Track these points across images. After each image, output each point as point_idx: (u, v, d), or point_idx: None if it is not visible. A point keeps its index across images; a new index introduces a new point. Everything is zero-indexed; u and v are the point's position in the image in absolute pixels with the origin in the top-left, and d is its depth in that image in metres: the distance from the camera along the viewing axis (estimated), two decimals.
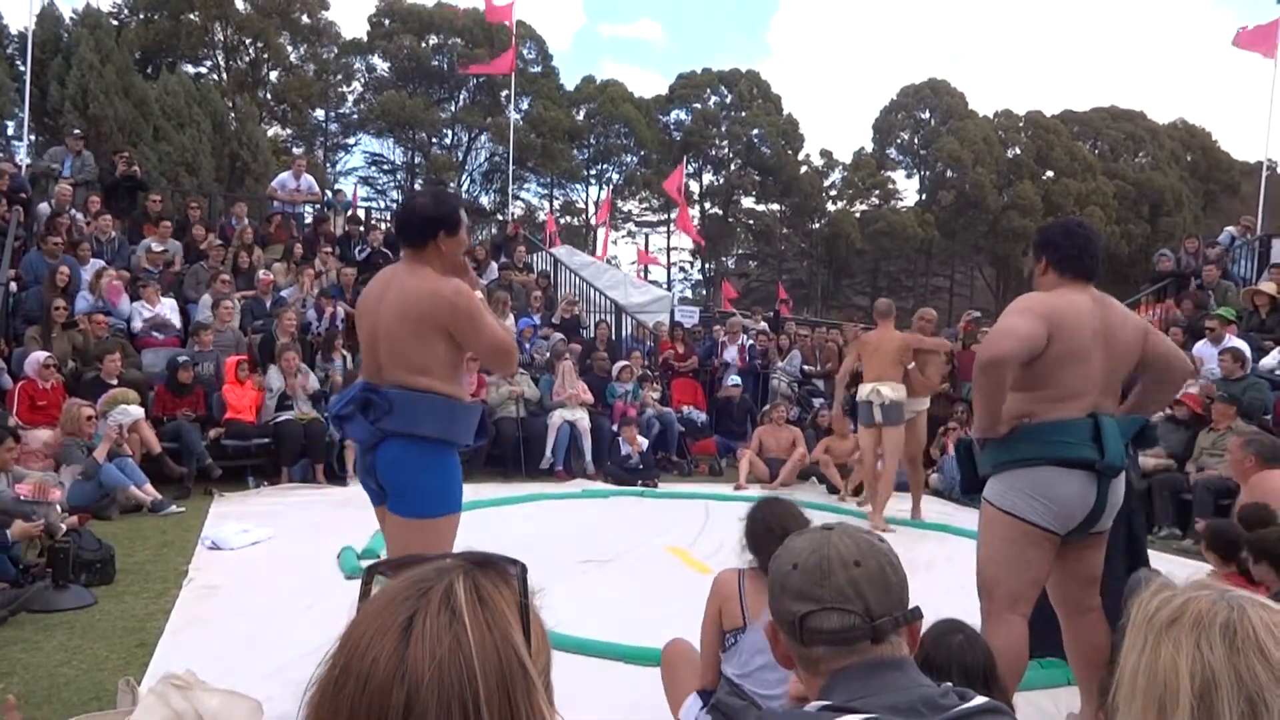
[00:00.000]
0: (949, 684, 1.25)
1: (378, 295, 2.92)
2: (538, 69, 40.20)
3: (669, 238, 43.50)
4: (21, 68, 18.28)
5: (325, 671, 0.76)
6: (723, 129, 43.54)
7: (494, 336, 2.86)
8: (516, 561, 0.84)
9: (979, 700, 1.21)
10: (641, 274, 23.39)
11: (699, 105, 43.78)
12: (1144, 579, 1.25)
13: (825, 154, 45.92)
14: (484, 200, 40.33)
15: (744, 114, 43.34)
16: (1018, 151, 43.86)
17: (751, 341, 12.33)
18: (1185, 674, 0.98)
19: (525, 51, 37.21)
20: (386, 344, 2.84)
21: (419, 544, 2.75)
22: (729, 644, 2.52)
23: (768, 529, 2.46)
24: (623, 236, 43.83)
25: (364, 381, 2.91)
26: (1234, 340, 8.66)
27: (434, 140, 40.77)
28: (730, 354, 11.81)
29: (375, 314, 2.88)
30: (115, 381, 7.67)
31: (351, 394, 2.91)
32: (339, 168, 40.25)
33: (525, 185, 40.89)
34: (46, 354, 7.55)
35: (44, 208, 10.30)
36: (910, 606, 1.31)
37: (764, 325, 13.86)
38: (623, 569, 5.51)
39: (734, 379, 11.07)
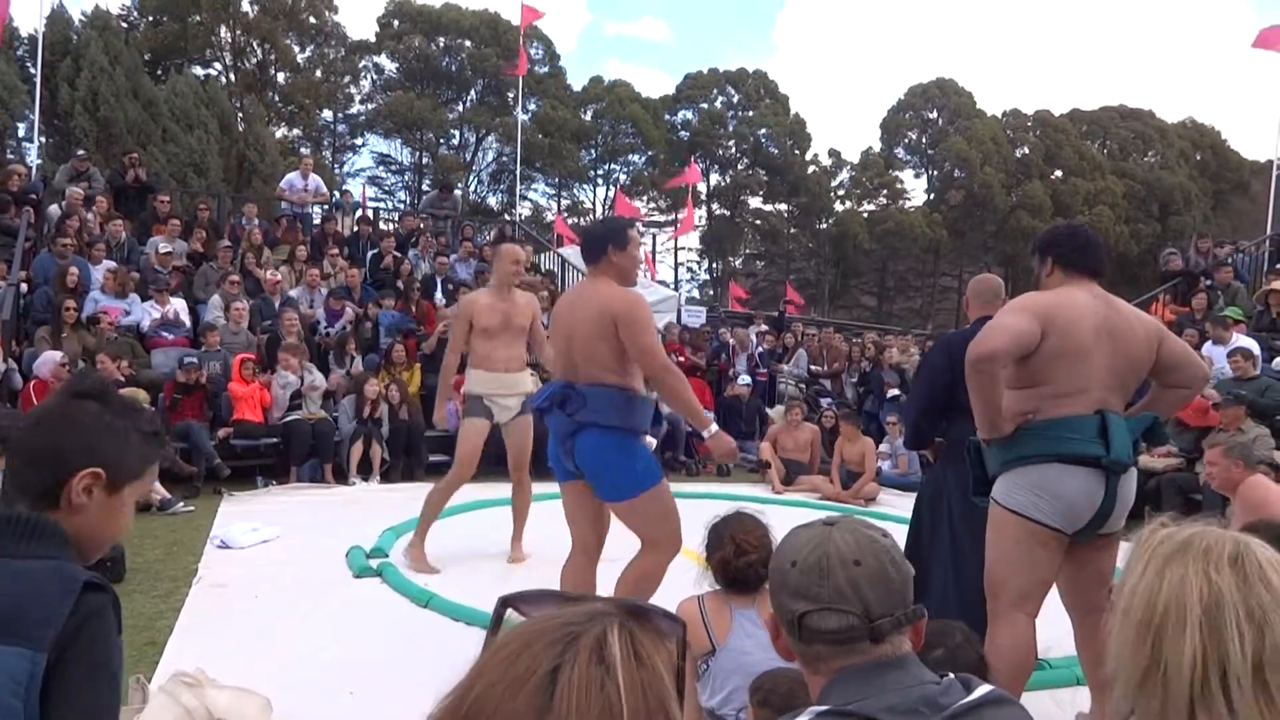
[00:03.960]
0: (951, 675, 1.21)
1: (570, 305, 3.44)
2: (545, 69, 40.22)
3: (676, 238, 43.50)
4: (32, 70, 18.35)
5: (446, 715, 0.66)
6: (730, 129, 43.51)
7: (651, 343, 3.27)
8: (677, 619, 0.75)
9: (982, 690, 1.17)
10: (648, 274, 23.36)
11: (706, 105, 43.74)
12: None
13: (833, 154, 45.82)
14: (491, 201, 40.39)
15: (751, 114, 43.27)
16: (1026, 151, 43.65)
17: (763, 349, 12.33)
18: (1194, 594, 1.02)
19: (532, 52, 37.24)
20: (578, 347, 3.31)
21: (641, 519, 3.43)
22: (701, 670, 2.52)
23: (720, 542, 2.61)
24: None
25: (562, 380, 3.37)
26: (1241, 339, 8.62)
27: (442, 141, 40.81)
28: (740, 362, 11.78)
29: (570, 321, 3.36)
30: (123, 380, 7.69)
31: (550, 391, 3.38)
32: (347, 168, 40.36)
33: (533, 185, 40.96)
34: (61, 354, 7.56)
35: (54, 210, 10.35)
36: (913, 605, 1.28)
37: (764, 327, 13.86)
38: None
39: (744, 378, 11.06)
